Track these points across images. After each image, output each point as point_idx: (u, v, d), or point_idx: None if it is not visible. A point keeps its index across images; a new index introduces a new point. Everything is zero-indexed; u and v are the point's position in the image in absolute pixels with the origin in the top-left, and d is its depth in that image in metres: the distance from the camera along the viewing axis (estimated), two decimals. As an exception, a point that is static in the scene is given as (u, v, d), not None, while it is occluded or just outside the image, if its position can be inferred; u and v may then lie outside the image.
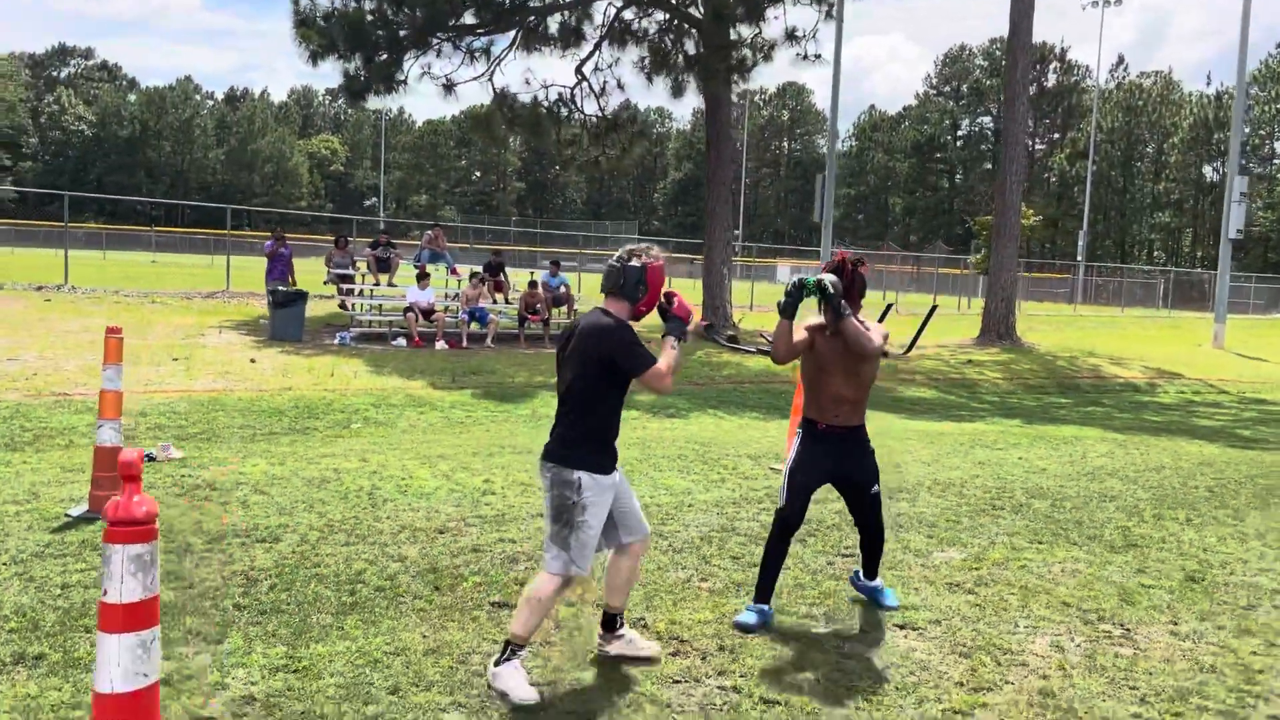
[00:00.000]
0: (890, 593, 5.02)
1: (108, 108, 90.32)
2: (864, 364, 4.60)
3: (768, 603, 4.65)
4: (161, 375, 11.64)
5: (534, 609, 3.81)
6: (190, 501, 6.32)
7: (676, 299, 4.03)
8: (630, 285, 3.93)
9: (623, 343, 3.84)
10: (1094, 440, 11.04)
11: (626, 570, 4.14)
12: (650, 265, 3.95)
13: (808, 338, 4.63)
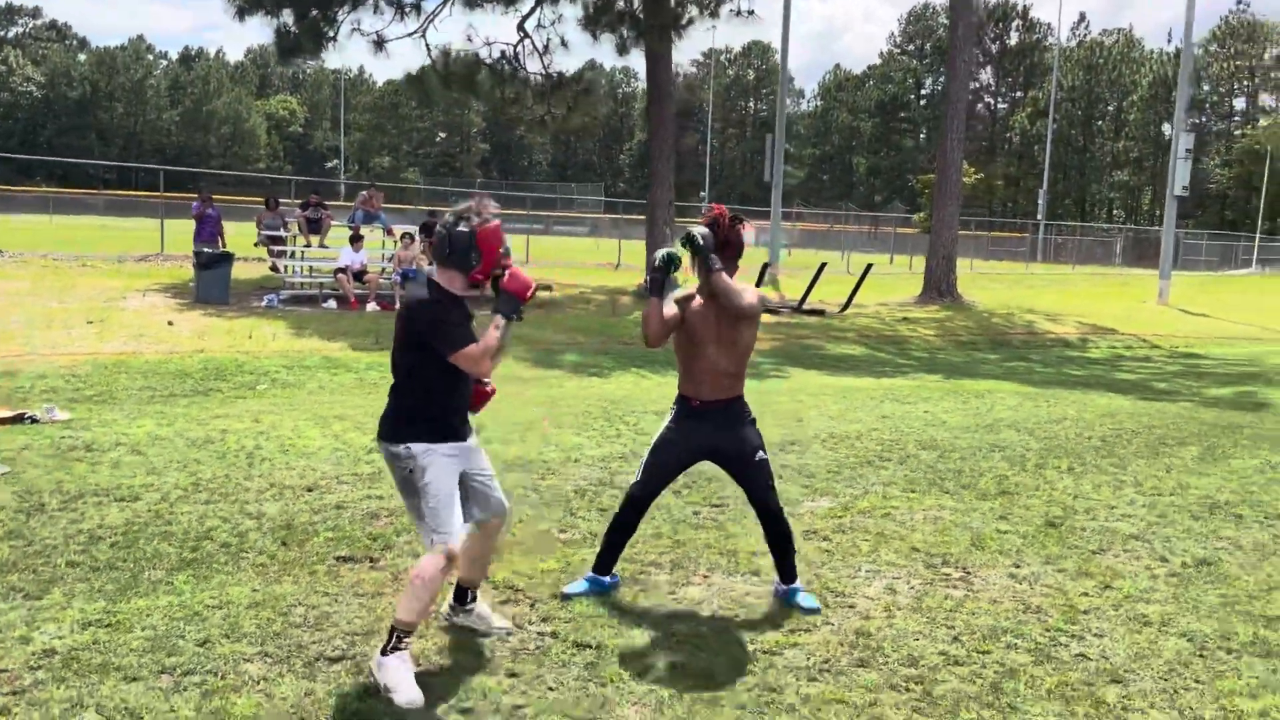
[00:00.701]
0: (803, 592, 4.45)
1: (57, 68, 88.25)
2: (741, 332, 4.24)
3: (606, 574, 4.42)
4: (72, 338, 11.48)
5: (413, 591, 3.50)
6: (59, 462, 6.26)
7: (510, 271, 3.66)
8: (459, 254, 3.58)
9: (432, 321, 3.57)
10: (1006, 394, 11.16)
11: (479, 546, 3.91)
12: (480, 230, 3.57)
13: (677, 312, 4.27)
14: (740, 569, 4.85)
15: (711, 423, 4.32)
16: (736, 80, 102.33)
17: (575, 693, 3.49)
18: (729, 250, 4.22)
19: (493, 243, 3.61)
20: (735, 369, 4.32)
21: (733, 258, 4.25)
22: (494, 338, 3.58)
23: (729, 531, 5.40)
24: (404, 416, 3.68)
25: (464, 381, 3.71)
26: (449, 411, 3.72)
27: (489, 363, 3.62)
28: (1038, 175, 64.21)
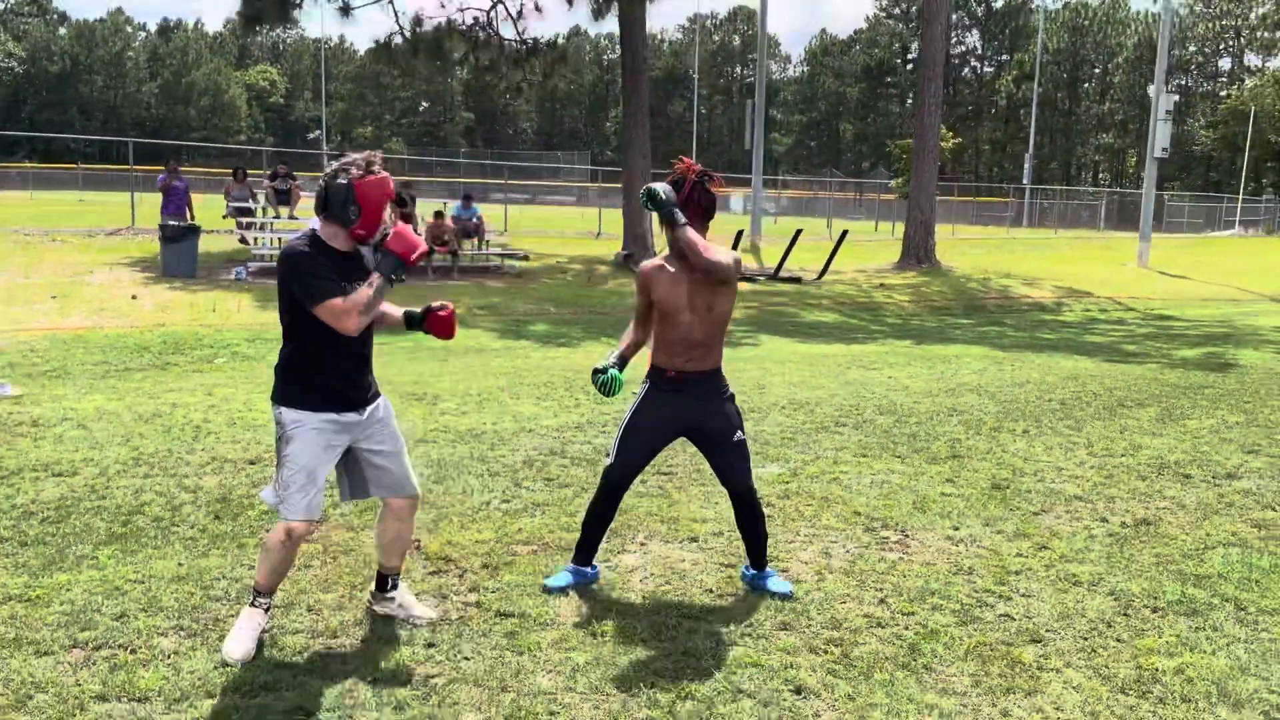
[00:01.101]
0: (775, 577, 4.23)
1: (37, 43, 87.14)
2: (716, 297, 3.94)
3: (587, 564, 4.19)
4: (33, 313, 11.39)
5: (264, 557, 3.53)
6: (2, 438, 6.20)
7: (396, 229, 3.44)
8: (338, 206, 3.37)
9: (296, 270, 3.36)
10: (973, 359, 11.16)
11: (391, 531, 3.76)
12: (358, 183, 3.36)
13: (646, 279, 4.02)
14: (679, 536, 4.83)
15: (689, 396, 4.02)
16: (722, 46, 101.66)
17: (490, 662, 3.47)
18: (695, 209, 3.92)
19: (374, 196, 3.40)
20: (710, 338, 3.99)
21: (699, 216, 3.94)
22: (364, 294, 3.35)
23: (673, 499, 5.39)
24: (281, 377, 3.54)
25: (351, 344, 3.47)
26: (331, 376, 3.49)
27: (356, 319, 3.34)
28: (1024, 139, 64.02)
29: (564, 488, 5.54)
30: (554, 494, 5.41)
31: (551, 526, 4.88)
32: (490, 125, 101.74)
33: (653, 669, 3.45)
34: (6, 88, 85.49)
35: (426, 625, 3.73)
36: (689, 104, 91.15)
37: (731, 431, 4.06)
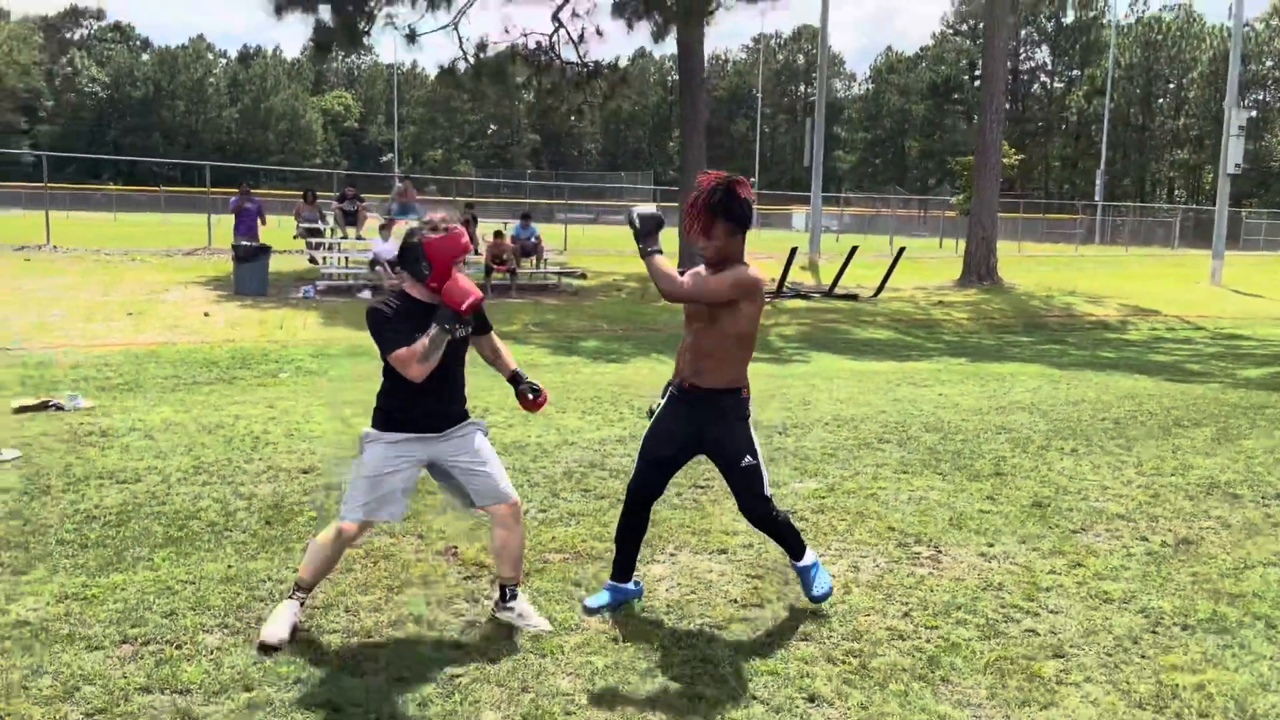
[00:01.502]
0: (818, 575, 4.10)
1: (121, 69, 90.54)
2: (722, 313, 3.81)
3: (625, 580, 4.15)
4: (110, 329, 11.87)
5: (311, 553, 3.81)
6: (72, 447, 6.52)
7: (448, 282, 3.65)
8: (412, 262, 3.67)
9: (373, 324, 3.69)
10: (1029, 377, 11.03)
11: (499, 539, 3.95)
12: (427, 241, 3.63)
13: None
14: (709, 548, 4.91)
15: (700, 411, 3.95)
16: (786, 65, 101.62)
17: (514, 663, 3.58)
18: (716, 219, 3.74)
19: (440, 254, 3.63)
20: (719, 352, 3.87)
21: (724, 226, 3.75)
22: (421, 345, 3.59)
23: (706, 511, 5.46)
24: (376, 405, 3.89)
25: (430, 383, 3.73)
26: (406, 407, 3.79)
27: (417, 367, 3.62)
28: (1095, 155, 62.83)
29: (600, 499, 5.66)
30: (590, 505, 5.53)
31: (584, 536, 4.99)
32: (555, 147, 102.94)
33: (670, 674, 3.53)
34: (91, 112, 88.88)
35: (538, 632, 3.83)
36: (752, 123, 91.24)
37: (739, 456, 3.93)
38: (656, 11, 18.45)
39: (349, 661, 3.57)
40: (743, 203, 3.79)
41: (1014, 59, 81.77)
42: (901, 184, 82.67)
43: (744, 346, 3.94)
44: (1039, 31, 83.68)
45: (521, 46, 21.19)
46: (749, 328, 3.89)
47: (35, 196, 50.20)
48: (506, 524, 3.93)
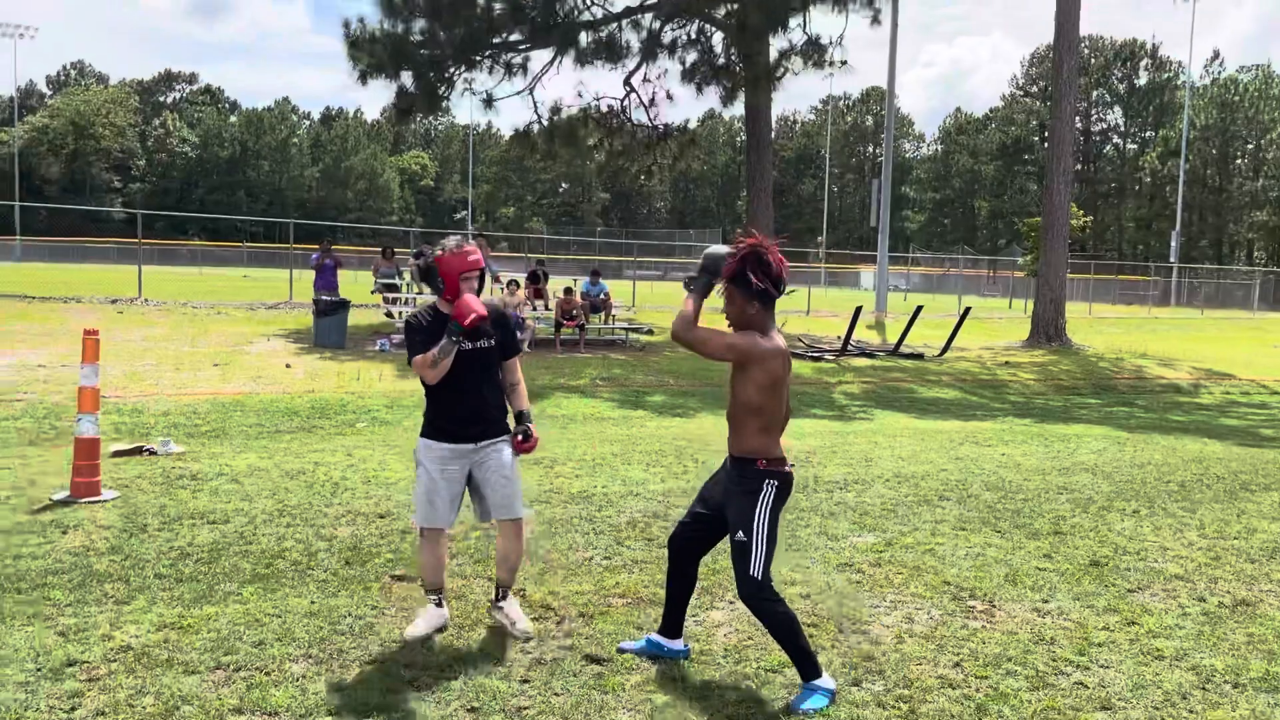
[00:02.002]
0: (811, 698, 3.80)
1: (210, 130, 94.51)
2: (735, 381, 3.89)
3: (672, 637, 4.21)
4: (197, 379, 12.45)
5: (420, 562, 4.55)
6: (166, 489, 6.92)
7: (456, 300, 4.17)
8: (429, 280, 4.38)
9: (405, 332, 4.36)
10: (1094, 439, 10.98)
11: (502, 548, 4.51)
12: (439, 258, 4.29)
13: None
14: (767, 597, 5.06)
15: (726, 473, 4.04)
16: (855, 126, 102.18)
17: (577, 698, 3.79)
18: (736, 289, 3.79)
19: (449, 269, 4.25)
20: (735, 419, 3.92)
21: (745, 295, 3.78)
22: (432, 352, 4.17)
23: (766, 562, 5.62)
24: (424, 412, 4.48)
25: (458, 391, 4.32)
26: (444, 415, 4.37)
27: (428, 372, 4.21)
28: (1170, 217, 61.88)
29: (663, 548, 5.84)
30: (653, 553, 5.72)
31: (647, 583, 5.18)
32: (625, 205, 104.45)
33: (725, 714, 3.70)
34: (181, 171, 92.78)
35: (523, 637, 4.34)
36: (820, 183, 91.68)
37: (735, 528, 3.89)
38: (725, 77, 18.96)
39: (425, 691, 3.81)
40: (759, 273, 3.75)
41: (1085, 120, 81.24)
42: (970, 244, 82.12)
43: (754, 415, 3.85)
44: (1111, 93, 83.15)
45: (594, 110, 21.86)
46: (756, 397, 3.81)
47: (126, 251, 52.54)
48: (508, 536, 4.47)
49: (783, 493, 3.92)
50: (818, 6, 18.69)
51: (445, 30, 18.08)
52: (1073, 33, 20.81)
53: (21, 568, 5.09)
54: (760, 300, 3.80)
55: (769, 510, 3.86)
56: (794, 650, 3.84)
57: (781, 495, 3.91)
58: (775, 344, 3.83)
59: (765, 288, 3.77)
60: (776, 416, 3.90)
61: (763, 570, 3.82)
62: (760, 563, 3.82)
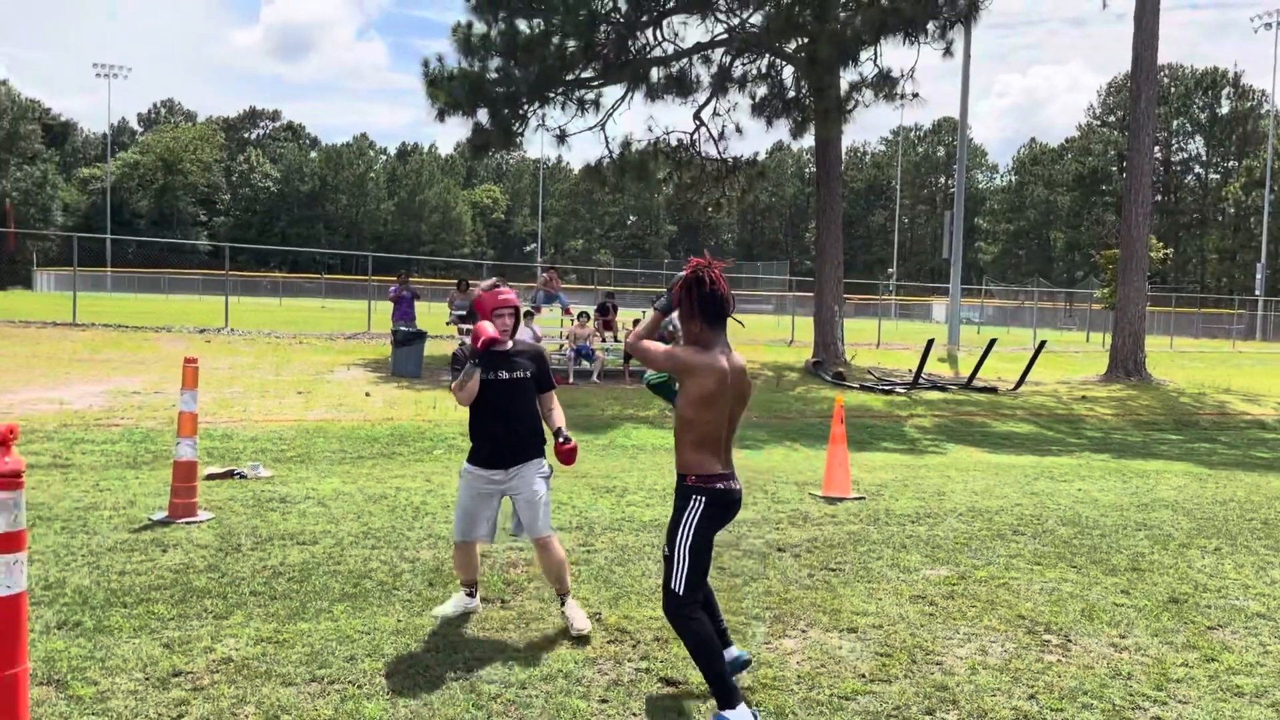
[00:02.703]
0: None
1: (291, 165, 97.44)
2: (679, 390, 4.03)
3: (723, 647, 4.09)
4: (282, 406, 12.88)
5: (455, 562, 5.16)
6: (257, 511, 7.22)
7: (473, 328, 4.79)
8: (470, 315, 5.05)
9: (450, 361, 5.06)
10: (1174, 475, 10.78)
11: (542, 562, 4.98)
12: (476, 298, 5.01)
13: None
14: (840, 626, 5.13)
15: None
16: (926, 157, 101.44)
17: (653, 718, 3.90)
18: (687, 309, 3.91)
19: (483, 306, 4.90)
20: (674, 432, 4.04)
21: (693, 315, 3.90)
22: (459, 377, 4.78)
23: (837, 592, 5.68)
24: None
25: (490, 420, 4.85)
26: (480, 439, 4.93)
27: (457, 394, 4.81)
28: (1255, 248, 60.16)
29: (734, 577, 5.94)
30: (724, 582, 5.81)
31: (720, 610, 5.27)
32: (693, 237, 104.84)
33: (801, 737, 3.78)
34: (264, 205, 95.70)
35: (577, 634, 4.76)
36: (890, 214, 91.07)
37: (666, 542, 4.01)
38: (795, 110, 19.11)
39: (507, 709, 3.95)
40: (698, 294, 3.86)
41: (1165, 150, 79.61)
42: (1046, 276, 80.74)
43: (687, 429, 3.91)
44: (1192, 123, 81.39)
45: (663, 143, 22.15)
46: (688, 411, 3.88)
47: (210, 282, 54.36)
48: (541, 551, 4.91)
49: (715, 511, 3.91)
50: (889, 40, 18.77)
51: (520, 68, 18.55)
52: (1151, 62, 20.55)
53: (126, 583, 5.38)
54: (704, 318, 3.89)
55: (694, 527, 3.88)
56: (708, 674, 3.83)
57: (712, 513, 3.90)
58: (714, 360, 3.85)
59: (706, 306, 3.87)
60: (711, 434, 3.90)
61: (684, 586, 3.88)
62: (682, 579, 3.88)
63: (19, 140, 77.58)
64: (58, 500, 7.32)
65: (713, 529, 3.95)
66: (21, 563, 2.70)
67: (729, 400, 3.91)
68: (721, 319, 3.91)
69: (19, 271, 63.08)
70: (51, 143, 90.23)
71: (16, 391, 12.65)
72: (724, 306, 3.90)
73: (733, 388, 3.92)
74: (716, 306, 3.88)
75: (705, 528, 3.91)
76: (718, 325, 3.91)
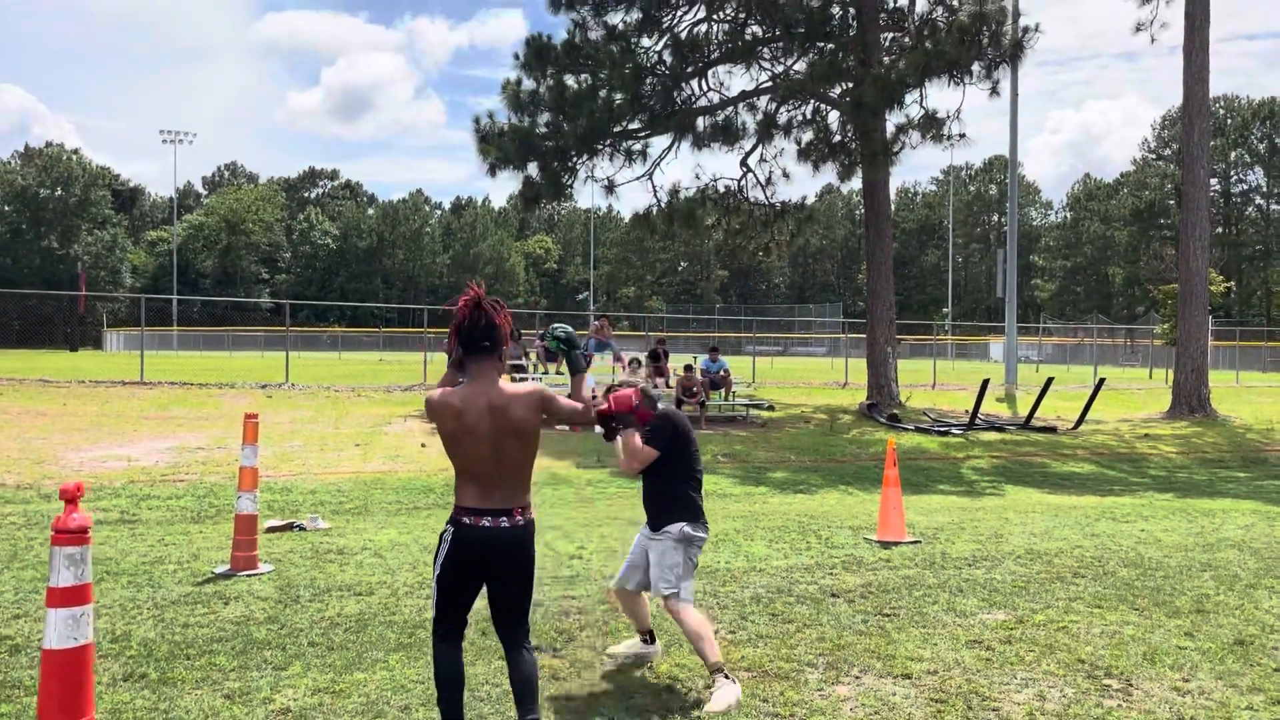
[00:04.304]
0: None
1: (349, 222, 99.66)
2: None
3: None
4: (340, 459, 13.11)
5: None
6: (315, 563, 7.35)
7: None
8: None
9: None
10: (1241, 514, 10.51)
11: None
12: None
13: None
14: (894, 672, 5.08)
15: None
16: (978, 195, 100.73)
17: (706, 767, 3.89)
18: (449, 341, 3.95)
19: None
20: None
21: (451, 348, 3.95)
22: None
23: (893, 639, 5.63)
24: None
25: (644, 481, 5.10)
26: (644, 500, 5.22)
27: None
28: (1324, 278, 58.57)
29: (787, 623, 5.91)
30: (777, 628, 5.79)
31: (772, 656, 5.26)
32: (744, 281, 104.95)
33: (853, 784, 3.75)
34: (323, 262, 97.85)
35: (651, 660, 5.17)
36: (943, 253, 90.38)
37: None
38: (842, 154, 19.20)
39: (558, 757, 3.98)
40: (451, 329, 3.88)
41: (1225, 182, 78.24)
42: (1105, 312, 79.34)
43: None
44: (1251, 154, 79.95)
45: (711, 190, 22.35)
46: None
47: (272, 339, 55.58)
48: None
49: (459, 547, 3.85)
50: (934, 82, 18.83)
51: (569, 122, 18.90)
52: (1203, 96, 20.33)
53: (189, 636, 5.51)
54: (463, 350, 3.86)
55: (439, 558, 3.91)
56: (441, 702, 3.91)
57: (458, 548, 3.86)
58: (447, 402, 3.81)
59: (460, 338, 3.85)
60: (466, 468, 3.86)
61: (433, 614, 3.98)
62: (433, 606, 3.97)
63: (90, 206, 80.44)
64: (124, 555, 7.53)
65: (459, 566, 3.88)
66: (88, 615, 2.82)
67: (482, 436, 3.79)
68: (479, 351, 3.84)
69: (90, 332, 65.16)
70: (120, 207, 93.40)
71: (87, 449, 13.05)
72: (476, 336, 3.82)
73: (488, 423, 3.78)
74: (467, 337, 3.83)
75: (449, 563, 3.87)
76: (475, 356, 3.85)
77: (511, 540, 3.87)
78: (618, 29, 20.20)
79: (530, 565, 3.99)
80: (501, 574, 3.91)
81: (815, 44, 18.96)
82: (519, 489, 3.90)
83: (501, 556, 3.87)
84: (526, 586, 3.99)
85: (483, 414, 3.78)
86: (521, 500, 3.90)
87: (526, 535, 3.92)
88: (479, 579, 3.94)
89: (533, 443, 3.90)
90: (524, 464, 3.89)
